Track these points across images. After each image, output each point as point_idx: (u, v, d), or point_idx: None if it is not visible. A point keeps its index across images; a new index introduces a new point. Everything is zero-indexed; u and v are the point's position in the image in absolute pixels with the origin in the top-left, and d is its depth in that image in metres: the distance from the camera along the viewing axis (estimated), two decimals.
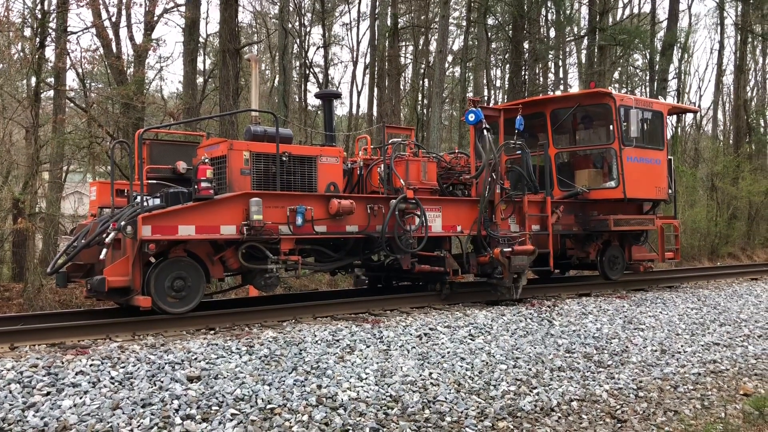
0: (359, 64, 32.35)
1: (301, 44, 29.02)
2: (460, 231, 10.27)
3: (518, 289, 10.27)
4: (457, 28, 33.33)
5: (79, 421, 4.95)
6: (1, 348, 6.65)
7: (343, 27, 50.16)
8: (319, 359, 6.66)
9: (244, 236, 8.11)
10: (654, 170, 12.37)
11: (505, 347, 7.79)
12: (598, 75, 24.67)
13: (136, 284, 7.67)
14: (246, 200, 8.15)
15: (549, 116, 12.45)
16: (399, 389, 6.21)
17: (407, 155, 10.10)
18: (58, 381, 5.53)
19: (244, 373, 6.11)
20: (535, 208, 11.07)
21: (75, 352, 6.37)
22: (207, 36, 26.71)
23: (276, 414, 5.45)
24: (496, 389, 6.60)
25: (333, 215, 8.81)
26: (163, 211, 7.80)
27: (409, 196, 9.38)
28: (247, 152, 8.57)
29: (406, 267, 9.55)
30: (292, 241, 8.62)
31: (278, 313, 8.65)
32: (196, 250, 8.25)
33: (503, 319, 9.00)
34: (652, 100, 13.40)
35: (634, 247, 12.97)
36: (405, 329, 8.01)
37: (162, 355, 6.32)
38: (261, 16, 31.42)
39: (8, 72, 18.24)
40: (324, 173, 9.15)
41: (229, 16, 17.20)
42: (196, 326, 7.93)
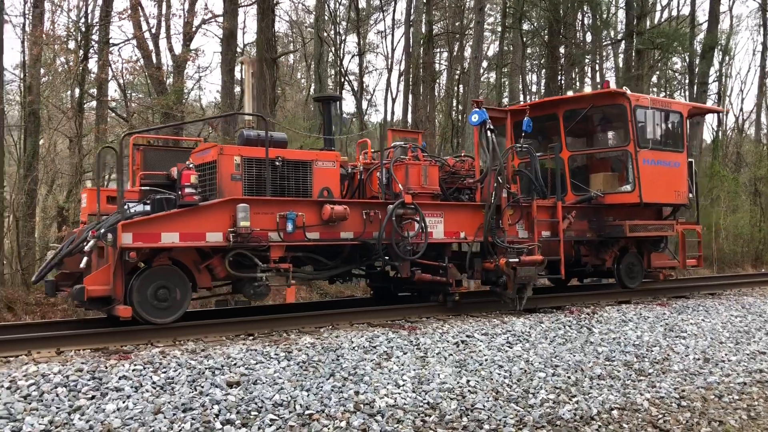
0: (394, 71, 32.42)
1: (336, 52, 29.24)
2: (464, 237, 9.85)
3: (523, 300, 9.84)
4: (491, 34, 33.25)
5: (123, 424, 5.05)
6: (48, 352, 6.82)
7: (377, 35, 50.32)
8: (357, 365, 6.68)
9: (230, 244, 7.85)
10: (673, 173, 11.88)
11: (543, 355, 7.71)
12: (636, 79, 24.34)
13: (118, 293, 7.45)
14: (233, 206, 7.90)
15: (562, 117, 12.01)
16: (436, 396, 6.19)
17: (407, 159, 9.75)
18: (102, 385, 5.65)
19: (283, 378, 6.16)
20: (545, 213, 10.65)
21: (118, 357, 6.50)
22: (244, 46, 27.09)
23: (314, 420, 5.48)
24: (535, 397, 6.53)
25: (326, 221, 8.50)
26: (144, 218, 7.61)
27: (407, 201, 9.04)
28: (238, 157, 8.34)
29: (405, 275, 9.24)
30: (282, 248, 8.32)
31: (315, 320, 8.69)
32: (182, 258, 8.00)
33: (541, 326, 8.91)
34: (671, 100, 12.93)
35: (653, 254, 12.49)
36: (442, 336, 7.99)
37: (202, 360, 6.41)
38: (297, 26, 31.77)
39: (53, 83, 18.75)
40: (320, 178, 8.88)
41: (265, 26, 17.45)
42: (235, 332, 8.02)
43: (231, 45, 18.77)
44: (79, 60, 17.51)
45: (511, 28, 26.60)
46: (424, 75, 26.01)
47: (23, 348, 6.84)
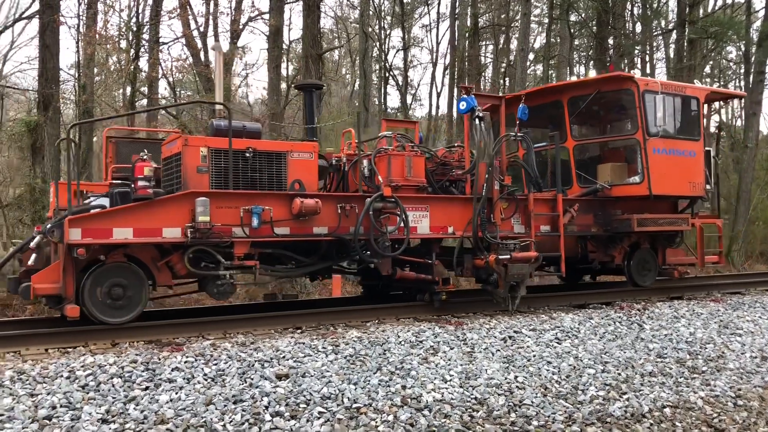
0: (439, 65, 32.34)
1: (381, 47, 29.28)
2: (452, 232, 9.24)
3: (516, 300, 9.23)
4: (538, 26, 32.80)
5: (176, 415, 5.16)
6: (104, 344, 7.03)
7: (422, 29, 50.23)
8: (403, 360, 6.69)
9: (188, 240, 7.49)
10: (688, 163, 11.07)
11: (593, 351, 7.60)
12: (688, 70, 23.70)
13: (68, 292, 7.16)
14: (192, 200, 7.49)
15: (567, 104, 11.33)
16: (484, 392, 6.16)
17: (391, 149, 9.24)
18: (155, 376, 5.79)
19: (330, 372, 6.21)
20: (544, 206, 10.05)
21: (170, 349, 6.66)
22: (290, 42, 27.35)
23: (362, 413, 5.51)
24: (584, 394, 6.44)
25: (296, 216, 8.05)
26: (94, 213, 7.31)
27: (386, 193, 8.51)
28: (204, 148, 7.91)
29: (386, 273, 8.87)
30: (247, 244, 7.91)
31: (362, 314, 8.74)
32: (140, 255, 7.65)
33: (591, 322, 8.77)
34: (686, 85, 12.07)
35: (668, 250, 11.73)
36: (489, 332, 7.94)
37: (252, 353, 6.51)
38: (342, 21, 31.90)
39: (106, 82, 19.27)
40: (296, 170, 8.41)
41: (311, 22, 17.55)
42: (283, 325, 8.13)
43: (277, 42, 18.95)
44: (131, 59, 17.94)
45: (558, 20, 26.20)
46: (470, 68, 25.83)
47: (80, 340, 7.07)
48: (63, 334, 7.13)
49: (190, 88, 25.60)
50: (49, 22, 14.45)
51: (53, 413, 4.97)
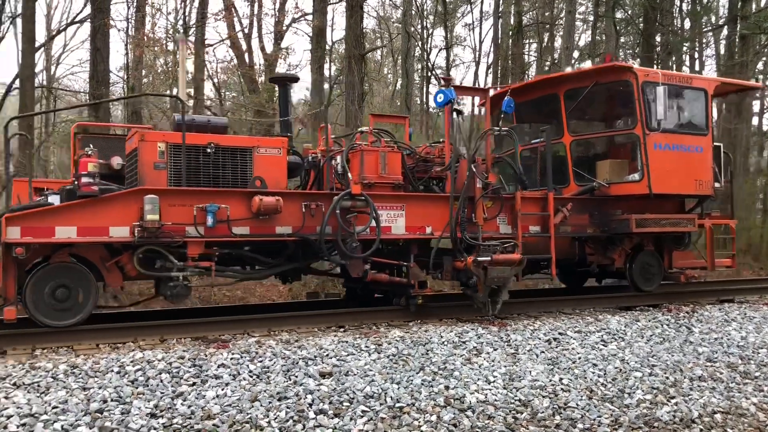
0: (482, 63, 32.07)
1: (423, 47, 29.24)
2: (430, 233, 8.74)
3: (496, 304, 8.62)
4: (583, 23, 32.28)
5: (222, 411, 5.25)
6: (153, 340, 7.19)
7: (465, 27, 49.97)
8: (446, 360, 6.68)
9: (136, 239, 7.17)
10: (693, 160, 10.29)
11: (640, 354, 7.46)
12: (740, 66, 23.06)
13: (9, 293, 6.91)
14: (141, 197, 7.15)
15: (563, 98, 10.65)
16: (528, 394, 6.11)
17: (365, 145, 8.85)
18: (202, 372, 5.89)
19: (373, 371, 6.23)
20: (533, 205, 9.43)
21: (217, 345, 6.77)
22: (333, 43, 27.52)
23: (405, 413, 5.52)
24: (631, 397, 6.33)
25: (256, 214, 7.67)
26: (34, 211, 6.96)
27: (354, 191, 8.07)
28: (162, 143, 7.56)
29: (356, 275, 8.45)
30: (201, 244, 7.52)
31: (404, 314, 8.73)
32: (87, 255, 7.35)
33: (637, 324, 8.61)
34: (692, 76, 11.27)
35: (675, 253, 10.95)
36: (533, 333, 7.86)
37: (296, 350, 6.58)
38: (384, 21, 31.95)
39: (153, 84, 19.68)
40: (262, 167, 8.02)
41: (354, 23, 17.63)
42: (326, 323, 8.18)
43: (320, 42, 19.12)
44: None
45: (603, 17, 25.77)
46: (513, 67, 25.60)
47: (130, 336, 7.24)
48: (113, 330, 7.31)
49: (235, 90, 25.98)
50: (100, 25, 14.85)
51: (104, 407, 5.10)
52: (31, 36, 15.51)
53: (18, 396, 5.18)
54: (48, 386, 5.41)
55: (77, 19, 23.65)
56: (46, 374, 5.63)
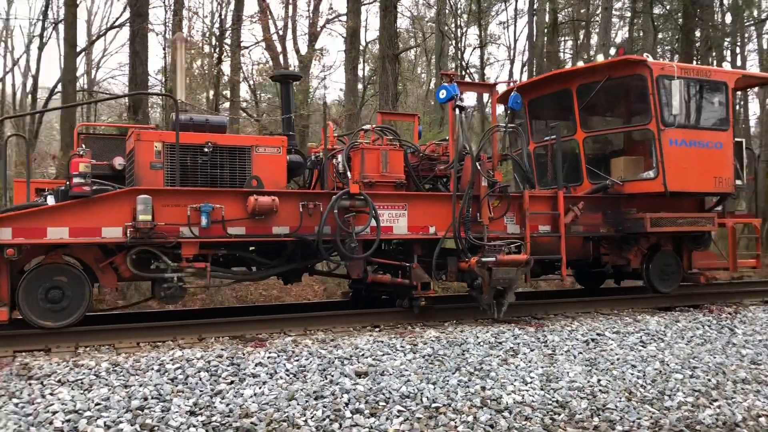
0: (516, 62, 31.86)
1: (457, 45, 29.10)
2: (434, 233, 8.52)
3: (502, 306, 8.35)
4: (619, 20, 31.78)
5: (259, 409, 5.30)
6: (191, 339, 7.30)
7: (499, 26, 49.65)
8: (482, 361, 6.64)
9: (128, 240, 7.09)
10: (713, 156, 9.90)
11: (680, 355, 7.32)
12: None
13: (2, 294, 6.91)
14: (133, 198, 7.08)
15: (575, 93, 10.33)
16: (566, 395, 6.04)
17: (366, 143, 8.68)
18: (240, 371, 5.96)
19: (409, 371, 6.23)
20: (543, 204, 9.19)
21: (254, 344, 6.84)
22: (366, 43, 27.57)
23: (441, 413, 5.50)
24: (672, 400, 6.21)
25: (251, 214, 7.56)
26: (26, 212, 6.92)
27: (353, 190, 7.90)
28: (159, 143, 7.50)
29: (356, 276, 8.36)
30: (195, 245, 7.42)
31: (439, 314, 8.71)
32: (82, 256, 7.33)
33: (677, 325, 8.46)
34: (711, 68, 10.79)
35: (695, 253, 10.55)
36: (571, 334, 7.78)
37: (332, 350, 6.61)
38: (418, 21, 31.90)
39: (190, 86, 19.95)
40: (261, 166, 7.93)
41: (388, 23, 17.66)
42: (361, 323, 8.20)
43: (354, 43, 19.16)
44: (214, 63, 18.53)
45: (641, 13, 25.35)
46: (548, 65, 25.28)
47: (169, 334, 7.36)
48: (154, 329, 7.44)
49: (270, 91, 26.21)
50: (139, 30, 15.11)
51: (145, 404, 5.19)
52: (73, 41, 15.86)
53: (63, 393, 5.31)
54: (91, 383, 5.54)
55: (116, 24, 24.16)
56: (89, 372, 5.77)
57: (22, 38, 55.53)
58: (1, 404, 5.09)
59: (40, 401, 5.16)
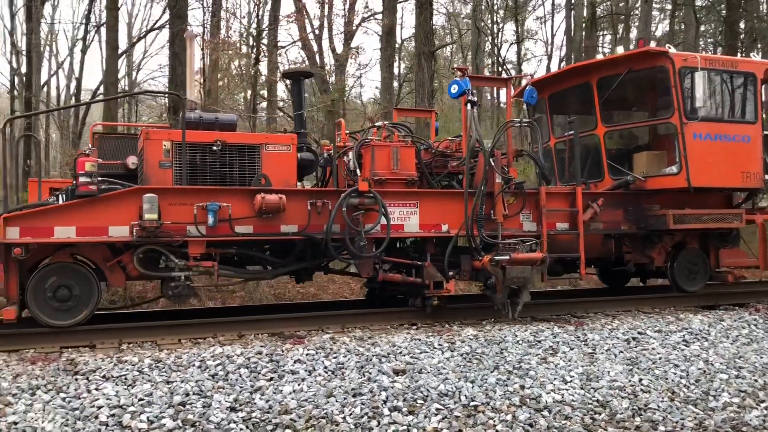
0: (554, 57, 31.52)
1: (493, 41, 28.90)
2: (446, 231, 8.39)
3: (517, 306, 8.15)
4: (660, 13, 31.21)
5: (298, 406, 5.34)
6: (231, 336, 7.39)
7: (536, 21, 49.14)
8: (521, 359, 6.59)
9: (134, 239, 7.08)
10: (740, 150, 9.56)
11: (725, 355, 7.15)
12: None
13: (10, 293, 6.94)
14: (140, 197, 7.08)
15: (596, 86, 10.07)
16: (606, 394, 5.95)
17: (376, 140, 8.57)
18: (279, 368, 6.02)
19: (447, 369, 6.22)
20: (560, 201, 8.98)
21: (293, 341, 6.90)
22: (402, 41, 27.57)
23: (479, 412, 5.47)
24: (716, 400, 6.07)
25: (258, 213, 7.49)
26: (33, 211, 6.97)
27: (361, 188, 7.80)
28: (167, 142, 7.50)
29: (366, 275, 8.27)
30: (202, 244, 7.40)
31: (477, 312, 8.67)
32: (90, 255, 7.34)
33: (722, 324, 8.27)
34: (738, 59, 10.44)
35: (722, 251, 10.21)
36: (611, 332, 7.67)
37: (369, 347, 6.63)
38: (454, 17, 31.76)
39: (228, 86, 20.22)
40: (271, 164, 7.87)
41: (424, 20, 17.62)
42: (399, 321, 8.20)
43: (390, 41, 19.19)
44: (251, 63, 18.73)
45: (683, 5, 24.81)
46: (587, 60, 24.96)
47: (209, 331, 7.46)
48: (194, 326, 7.55)
49: (306, 90, 26.37)
50: (178, 31, 15.36)
51: (186, 400, 5.28)
52: (115, 44, 16.21)
53: (107, 388, 5.43)
54: (134, 379, 5.65)
55: (156, 26, 24.60)
56: (132, 368, 5.89)
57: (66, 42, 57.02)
58: (50, 398, 5.24)
59: (86, 396, 5.28)
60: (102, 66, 21.04)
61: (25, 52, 18.68)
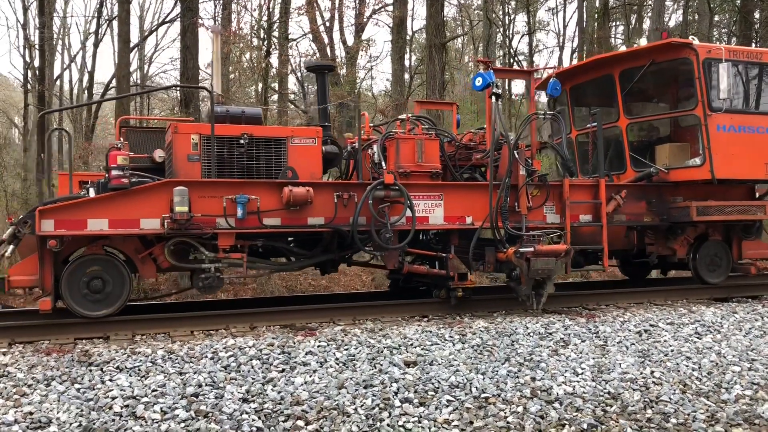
0: (566, 48, 31.31)
1: (505, 33, 28.72)
2: (471, 223, 8.43)
3: (541, 297, 8.25)
4: (673, 3, 30.84)
5: (310, 397, 5.37)
6: (243, 327, 7.44)
7: (548, 12, 48.84)
8: (532, 351, 6.59)
9: (166, 231, 7.19)
10: (764, 142, 9.59)
11: (738, 348, 7.12)
12: None
13: (46, 284, 7.07)
14: (170, 189, 7.19)
15: (618, 78, 10.12)
16: (617, 386, 5.94)
17: (401, 133, 8.67)
18: (291, 359, 6.06)
19: (458, 361, 6.23)
20: (583, 193, 9.04)
21: (304, 333, 6.94)
22: (413, 33, 27.47)
23: (490, 403, 5.49)
24: (729, 392, 6.05)
25: (286, 205, 7.58)
26: (67, 204, 7.07)
27: (387, 181, 7.88)
28: (196, 135, 7.63)
29: (391, 267, 8.31)
30: (232, 236, 7.51)
31: (488, 304, 8.67)
32: (122, 247, 7.50)
33: (735, 317, 8.23)
34: (763, 50, 10.40)
35: (745, 243, 10.18)
36: (623, 325, 7.65)
37: (380, 339, 6.66)
38: (465, 9, 31.59)
39: (240, 79, 20.24)
40: (296, 157, 7.96)
41: (435, 11, 17.53)
42: (410, 313, 8.22)
43: (401, 33, 19.12)
44: (262, 56, 18.73)
45: None
46: (599, 51, 24.76)
47: (222, 323, 7.52)
48: (207, 318, 7.62)
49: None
50: (189, 24, 15.38)
51: (199, 391, 5.32)
52: (126, 37, 16.25)
53: (121, 379, 5.49)
54: (147, 370, 5.71)
55: (168, 19, 24.64)
56: (145, 359, 5.94)
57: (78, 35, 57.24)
58: (64, 389, 5.30)
59: (100, 387, 5.34)
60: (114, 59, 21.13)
61: (38, 45, 18.77)
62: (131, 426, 4.76)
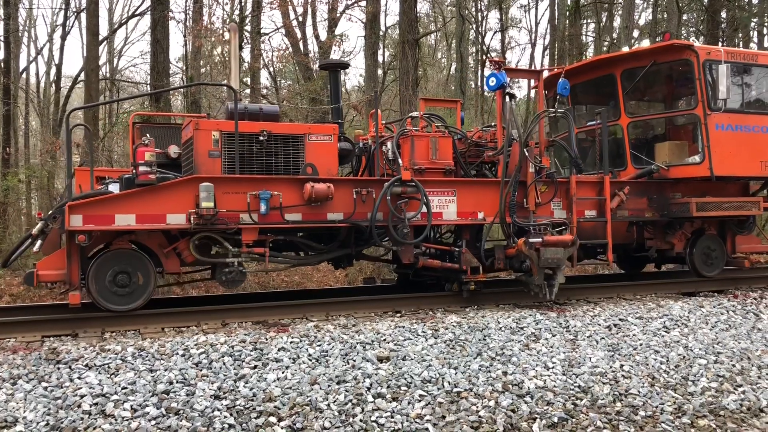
0: (538, 45, 31.52)
1: (478, 29, 28.86)
2: (482, 218, 8.66)
3: (553, 288, 8.46)
4: (643, 1, 31.28)
5: (282, 393, 5.36)
6: (215, 324, 7.38)
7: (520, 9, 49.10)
8: (504, 346, 6.65)
9: (192, 226, 7.33)
10: (759, 141, 9.94)
11: (704, 341, 7.26)
12: None
13: (73, 278, 7.20)
14: (196, 185, 7.32)
15: (619, 78, 10.45)
16: (588, 380, 6.03)
17: (415, 131, 8.81)
18: (263, 356, 6.02)
19: (431, 356, 6.25)
20: (588, 189, 9.30)
21: (277, 329, 6.91)
22: (386, 28, 27.44)
23: (462, 398, 5.53)
24: (695, 385, 6.17)
25: (308, 201, 7.73)
26: (95, 199, 7.19)
27: (405, 177, 8.07)
28: (216, 132, 7.72)
29: (407, 261, 8.47)
30: (255, 231, 7.65)
31: (461, 300, 8.71)
32: (147, 242, 7.60)
33: (701, 311, 8.38)
34: (759, 53, 10.76)
35: (738, 237, 10.62)
36: (593, 319, 7.75)
37: (353, 335, 6.65)
38: (438, 5, 31.66)
39: (211, 74, 20.05)
40: (313, 154, 8.09)
41: (408, 7, 17.55)
42: (383, 308, 8.24)
43: (374, 28, 19.08)
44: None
45: None
46: (570, 48, 25.04)
47: (193, 320, 7.45)
48: (178, 314, 7.54)
49: (290, 78, 26.22)
50: (160, 18, 15.18)
51: (170, 388, 5.27)
52: (95, 30, 16.00)
53: (90, 377, 5.41)
54: (117, 368, 5.63)
55: (138, 12, 24.30)
56: (115, 356, 5.86)
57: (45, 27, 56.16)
58: (31, 388, 5.21)
59: (68, 385, 5.26)
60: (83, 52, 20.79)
61: (3, 37, 18.37)
62: (100, 424, 4.70)
